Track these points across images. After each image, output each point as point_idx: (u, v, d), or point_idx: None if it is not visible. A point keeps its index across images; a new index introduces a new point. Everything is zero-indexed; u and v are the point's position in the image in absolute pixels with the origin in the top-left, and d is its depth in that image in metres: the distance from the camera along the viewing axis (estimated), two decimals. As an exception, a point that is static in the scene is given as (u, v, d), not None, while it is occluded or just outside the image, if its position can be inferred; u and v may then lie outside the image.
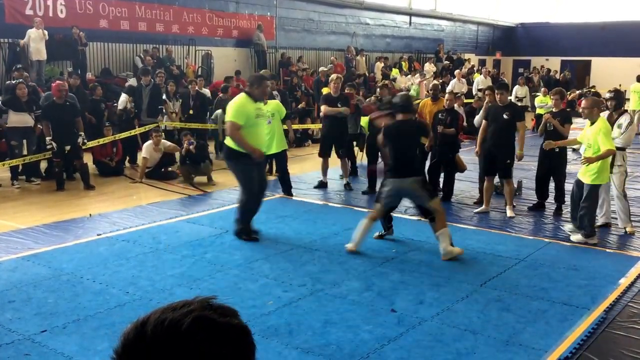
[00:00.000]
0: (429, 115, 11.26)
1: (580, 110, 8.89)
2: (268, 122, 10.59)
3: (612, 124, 8.89)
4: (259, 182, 8.48)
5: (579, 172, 8.62)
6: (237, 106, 8.20)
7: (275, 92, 13.73)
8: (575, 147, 10.87)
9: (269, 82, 9.11)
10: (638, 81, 21.69)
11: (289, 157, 11.37)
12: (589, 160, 8.13)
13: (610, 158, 8.38)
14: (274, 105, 10.95)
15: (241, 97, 8.34)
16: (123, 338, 1.15)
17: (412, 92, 24.02)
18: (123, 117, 14.29)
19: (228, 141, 8.37)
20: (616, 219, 9.13)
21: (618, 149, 8.78)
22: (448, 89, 18.39)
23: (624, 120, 8.88)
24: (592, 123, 8.29)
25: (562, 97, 10.15)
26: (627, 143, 8.93)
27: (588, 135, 8.29)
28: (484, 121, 10.11)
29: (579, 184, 8.56)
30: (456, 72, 25.62)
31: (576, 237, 8.52)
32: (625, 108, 9.53)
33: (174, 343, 1.11)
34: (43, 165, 12.61)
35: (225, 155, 8.67)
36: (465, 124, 16.70)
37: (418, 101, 14.42)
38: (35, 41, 15.76)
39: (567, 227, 9.01)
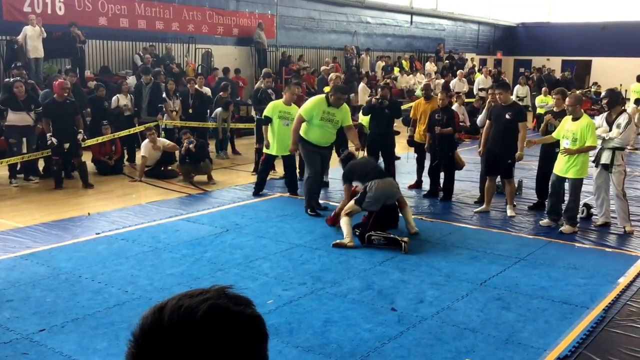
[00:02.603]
0: (423, 115, 11.23)
1: (565, 107, 9.17)
2: (286, 124, 10.65)
3: (610, 124, 8.94)
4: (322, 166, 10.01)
5: (558, 169, 8.96)
6: (309, 103, 9.69)
7: (269, 91, 13.68)
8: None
9: (344, 96, 9.99)
10: (638, 81, 21.68)
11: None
12: (569, 152, 8.67)
13: (589, 152, 8.93)
14: (296, 111, 10.98)
15: (319, 97, 9.78)
16: (141, 322, 1.19)
17: (418, 93, 24.03)
18: (115, 113, 14.15)
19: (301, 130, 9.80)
20: (616, 218, 9.13)
21: (617, 148, 8.81)
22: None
23: (622, 119, 8.89)
24: (574, 119, 8.77)
25: (563, 97, 10.12)
26: (626, 142, 8.96)
27: (572, 129, 8.72)
28: (487, 121, 10.09)
29: (559, 180, 9.02)
30: (458, 71, 25.63)
31: (566, 228, 8.91)
32: (625, 107, 9.52)
33: (189, 329, 1.15)
34: (41, 163, 12.58)
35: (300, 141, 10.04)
36: (468, 123, 16.76)
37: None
38: (32, 39, 15.69)
39: (543, 221, 9.37)
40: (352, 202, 8.46)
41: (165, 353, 1.15)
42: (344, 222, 8.28)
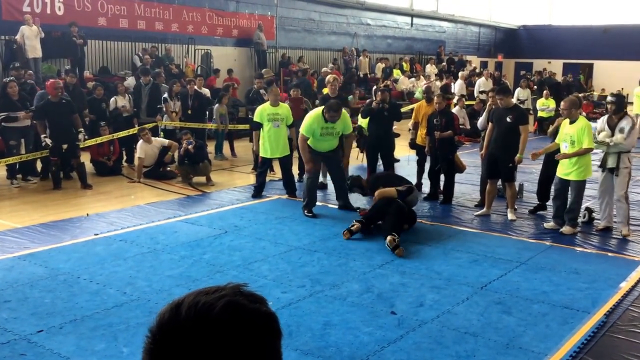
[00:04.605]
0: (425, 117, 11.18)
1: (561, 111, 9.18)
2: (276, 125, 10.63)
3: (612, 128, 8.86)
4: (334, 171, 10.24)
5: (561, 172, 8.95)
6: (308, 120, 9.77)
7: (262, 91, 13.64)
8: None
9: (337, 114, 9.77)
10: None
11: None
12: (565, 156, 8.75)
13: (591, 154, 8.95)
14: (285, 110, 10.96)
15: (317, 113, 9.80)
16: (159, 318, 1.20)
17: (417, 95, 24.03)
18: (114, 114, 14.11)
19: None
20: (617, 222, 9.06)
21: (622, 152, 8.74)
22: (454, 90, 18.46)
23: (625, 124, 8.80)
24: (572, 122, 8.79)
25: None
26: (630, 147, 8.86)
27: (570, 132, 8.75)
28: (489, 124, 10.04)
29: (563, 183, 8.99)
30: (460, 73, 25.59)
31: (566, 229, 8.94)
32: (626, 111, 9.44)
33: (206, 325, 1.16)
34: (39, 164, 12.53)
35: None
36: (468, 126, 16.72)
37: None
38: (30, 39, 15.66)
39: (549, 224, 9.34)
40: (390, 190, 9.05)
41: (182, 349, 1.16)
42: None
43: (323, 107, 9.86)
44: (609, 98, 9.34)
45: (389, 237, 8.00)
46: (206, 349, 1.15)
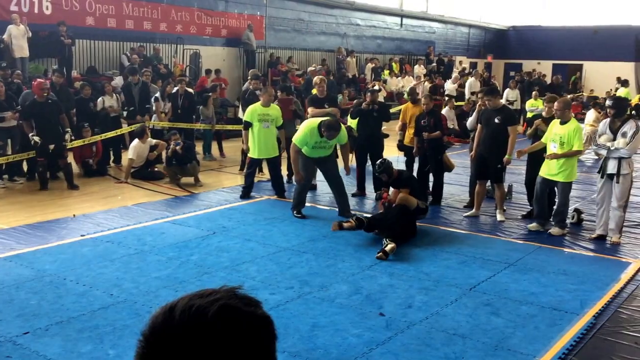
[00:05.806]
0: (412, 118, 11.17)
1: (553, 111, 9.12)
2: (266, 126, 10.60)
3: (614, 132, 8.51)
4: (331, 178, 10.06)
5: (545, 172, 8.92)
6: (302, 132, 9.62)
7: (258, 92, 13.59)
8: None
9: (336, 133, 9.61)
10: (623, 86, 21.61)
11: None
12: (555, 157, 8.67)
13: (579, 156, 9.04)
14: (275, 111, 10.92)
15: (312, 127, 9.53)
16: (151, 322, 1.18)
17: (406, 96, 24.02)
18: (101, 114, 13.99)
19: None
20: (612, 229, 8.89)
21: (623, 157, 8.46)
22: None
23: (628, 128, 8.42)
24: (562, 122, 8.78)
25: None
26: (632, 153, 8.53)
27: (560, 133, 8.71)
28: (479, 125, 10.01)
29: (547, 183, 8.96)
30: (453, 75, 25.65)
31: (555, 230, 8.95)
32: (630, 114, 9.28)
33: (200, 329, 1.15)
34: (25, 164, 12.42)
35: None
36: (457, 127, 16.73)
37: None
38: (17, 38, 15.54)
39: (532, 225, 9.30)
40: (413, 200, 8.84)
41: (176, 353, 1.14)
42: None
43: (320, 121, 9.65)
44: (607, 102, 9.05)
45: (393, 245, 7.85)
46: (200, 353, 1.13)
